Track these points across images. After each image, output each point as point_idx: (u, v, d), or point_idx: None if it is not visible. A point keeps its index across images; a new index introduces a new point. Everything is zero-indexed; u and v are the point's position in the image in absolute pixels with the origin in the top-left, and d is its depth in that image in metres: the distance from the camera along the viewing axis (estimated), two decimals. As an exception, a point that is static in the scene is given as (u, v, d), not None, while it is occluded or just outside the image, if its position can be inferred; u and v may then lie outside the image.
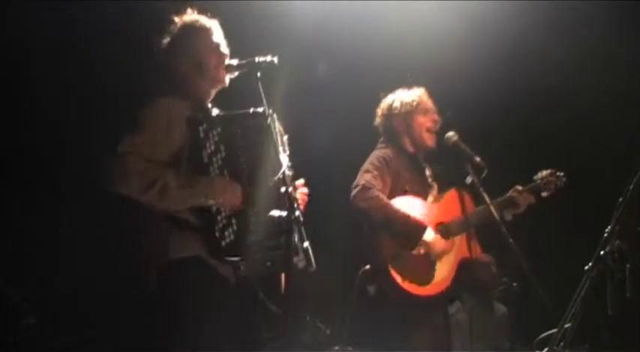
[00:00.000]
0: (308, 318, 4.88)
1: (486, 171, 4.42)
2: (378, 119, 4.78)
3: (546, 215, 5.22)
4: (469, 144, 4.53)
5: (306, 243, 3.25)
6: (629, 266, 3.94)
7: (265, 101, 3.43)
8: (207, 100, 3.72)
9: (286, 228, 3.27)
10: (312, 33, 5.63)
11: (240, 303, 3.60)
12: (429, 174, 4.76)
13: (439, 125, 4.69)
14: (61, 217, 5.32)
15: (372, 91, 4.92)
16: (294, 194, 3.31)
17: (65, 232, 5.28)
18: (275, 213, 3.34)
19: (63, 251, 5.26)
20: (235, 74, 3.67)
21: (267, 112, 3.43)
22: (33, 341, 4.66)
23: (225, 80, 3.69)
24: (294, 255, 3.25)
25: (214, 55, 3.67)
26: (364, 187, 4.42)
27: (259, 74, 3.50)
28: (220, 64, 3.67)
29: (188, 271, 3.44)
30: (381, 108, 4.78)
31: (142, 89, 4.11)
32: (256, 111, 3.47)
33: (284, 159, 3.37)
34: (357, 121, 5.27)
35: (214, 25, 3.74)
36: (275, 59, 3.52)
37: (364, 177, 4.48)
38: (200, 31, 3.72)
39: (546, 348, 3.75)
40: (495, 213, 4.25)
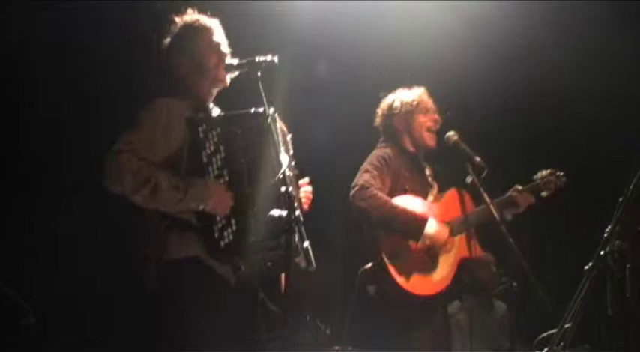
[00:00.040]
0: (308, 318, 4.88)
1: (486, 171, 4.42)
2: (378, 119, 4.79)
3: (546, 215, 5.22)
4: (469, 143, 4.53)
5: (306, 243, 3.24)
6: (629, 266, 3.94)
7: (265, 101, 3.42)
8: (208, 100, 3.71)
9: (286, 228, 3.25)
10: (313, 33, 5.63)
11: (240, 303, 3.59)
12: (429, 173, 4.76)
13: (439, 125, 4.70)
14: (61, 217, 5.32)
15: (372, 91, 4.92)
16: (294, 194, 3.30)
17: (65, 232, 5.29)
18: (275, 212, 3.33)
19: (62, 251, 5.26)
20: (236, 74, 3.67)
21: (268, 112, 3.42)
22: (33, 340, 4.66)
23: (226, 80, 3.68)
24: (295, 254, 3.24)
25: (214, 55, 3.66)
26: (362, 187, 4.42)
27: (259, 74, 3.49)
28: (220, 63, 3.65)
29: (187, 271, 3.43)
30: (382, 107, 4.78)
31: (142, 89, 4.12)
32: (257, 111, 3.46)
33: (284, 158, 3.36)
34: (357, 121, 5.27)
35: (214, 25, 3.73)
36: (275, 59, 3.51)
37: (363, 177, 4.48)
38: (200, 31, 3.71)
39: (546, 348, 3.75)
40: (495, 213, 4.25)
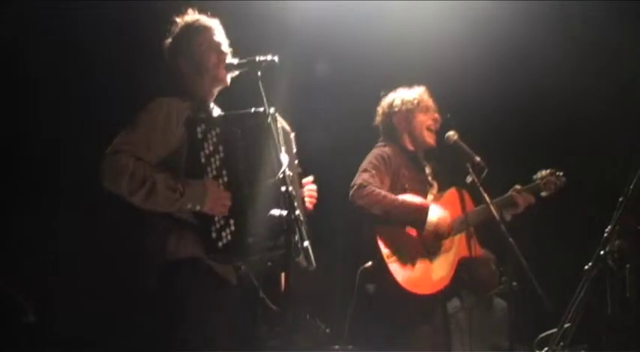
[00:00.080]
0: (308, 317, 4.87)
1: (486, 171, 4.42)
2: (378, 117, 4.79)
3: (546, 215, 5.22)
4: (469, 143, 4.54)
5: (307, 243, 3.24)
6: (629, 266, 3.94)
7: (266, 100, 3.42)
8: (209, 100, 3.71)
9: (286, 228, 3.25)
10: (313, 33, 5.63)
11: (240, 303, 3.59)
12: (429, 172, 4.76)
13: (439, 124, 4.70)
14: (61, 217, 5.32)
15: (372, 91, 4.92)
16: (294, 193, 3.30)
17: (65, 232, 5.28)
18: (275, 212, 3.33)
19: (62, 251, 5.26)
20: (236, 73, 3.67)
21: (268, 112, 3.42)
22: (33, 339, 4.66)
23: (226, 79, 3.68)
24: (295, 254, 3.24)
25: (214, 54, 3.66)
26: (360, 186, 4.43)
27: (260, 73, 3.49)
28: (221, 63, 3.65)
29: (186, 271, 3.43)
30: (382, 106, 4.78)
31: (142, 89, 4.12)
32: (257, 111, 3.45)
33: (284, 158, 3.35)
34: (357, 121, 5.27)
35: (215, 25, 3.73)
36: (275, 58, 3.51)
37: (361, 177, 4.48)
38: (200, 31, 3.71)
39: (546, 348, 3.75)
40: (495, 213, 4.25)
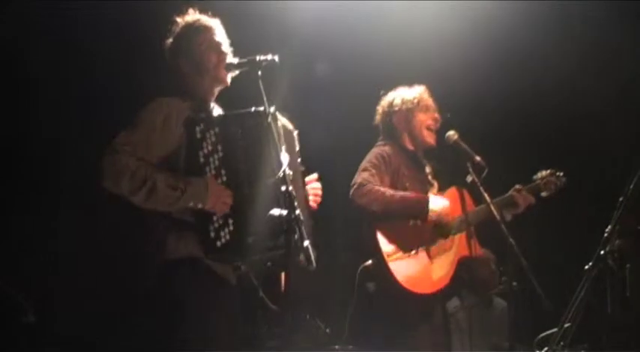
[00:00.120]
0: (308, 317, 4.87)
1: (486, 171, 4.42)
2: (378, 117, 4.79)
3: (546, 215, 5.22)
4: (469, 143, 4.54)
5: (307, 242, 3.23)
6: (629, 265, 3.95)
7: (266, 100, 3.42)
8: (209, 100, 3.71)
9: (286, 228, 3.25)
10: (313, 32, 5.63)
11: (240, 303, 3.59)
12: (429, 171, 4.75)
13: (439, 123, 4.70)
14: (61, 217, 5.31)
15: (372, 91, 4.91)
16: (294, 193, 3.29)
17: (65, 232, 5.28)
18: (275, 212, 3.32)
19: (62, 251, 5.26)
20: (236, 73, 3.67)
21: (268, 111, 3.42)
22: (33, 339, 4.66)
23: (227, 79, 3.67)
24: (296, 254, 3.24)
25: (214, 54, 3.66)
26: (360, 184, 4.43)
27: (260, 73, 3.48)
28: (221, 63, 3.65)
29: (185, 271, 3.43)
30: (382, 105, 4.78)
31: (142, 89, 4.12)
32: (257, 110, 3.45)
33: (284, 158, 3.35)
34: (358, 121, 5.27)
35: (215, 24, 3.73)
36: (276, 58, 3.51)
37: (361, 176, 4.49)
38: (200, 31, 3.71)
39: (546, 347, 3.75)
40: (495, 213, 4.25)
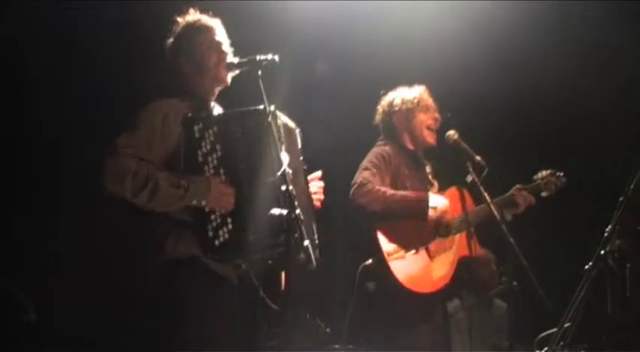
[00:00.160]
0: (308, 317, 4.87)
1: (487, 170, 4.43)
2: (378, 116, 4.79)
3: (547, 215, 5.22)
4: (469, 143, 4.54)
5: (307, 242, 3.23)
6: (629, 265, 3.95)
7: (266, 99, 3.42)
8: (209, 99, 3.71)
9: (286, 227, 3.26)
10: (313, 32, 5.63)
11: (240, 302, 3.59)
12: (429, 171, 4.76)
13: (439, 123, 4.70)
14: (61, 217, 5.31)
15: (372, 91, 4.92)
16: (294, 192, 3.29)
17: (64, 232, 5.28)
18: (275, 211, 3.32)
19: (62, 251, 5.26)
20: (236, 72, 3.67)
21: (268, 110, 3.42)
22: (33, 338, 4.66)
23: (227, 79, 3.68)
24: (296, 253, 3.24)
25: (215, 54, 3.66)
26: (360, 184, 4.43)
27: (260, 72, 3.49)
28: (221, 62, 3.65)
29: (185, 271, 3.44)
30: (382, 105, 4.79)
31: (142, 89, 4.12)
32: (256, 109, 3.45)
33: (284, 157, 3.35)
34: (358, 121, 5.27)
35: (216, 24, 3.73)
36: (276, 57, 3.51)
37: (362, 175, 4.49)
38: (201, 31, 3.71)
39: (546, 347, 3.75)
40: (496, 212, 4.25)
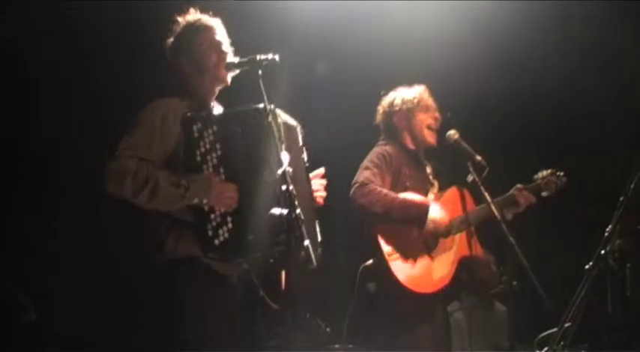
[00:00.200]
0: (308, 316, 4.87)
1: (487, 170, 4.43)
2: (378, 116, 4.79)
3: (547, 214, 5.22)
4: (470, 142, 4.54)
5: (307, 241, 3.23)
6: (629, 265, 3.95)
7: (266, 99, 3.42)
8: (210, 99, 3.71)
9: (286, 227, 3.25)
10: (313, 32, 5.63)
11: (240, 302, 3.59)
12: (429, 171, 4.76)
13: (440, 123, 4.70)
14: (61, 217, 5.31)
15: (372, 91, 4.92)
16: (294, 192, 3.29)
17: (64, 232, 5.28)
18: (276, 211, 3.32)
19: (62, 251, 5.26)
20: (237, 72, 3.67)
21: (268, 110, 3.42)
22: (33, 338, 4.66)
23: (227, 78, 3.67)
24: (296, 253, 3.24)
25: (215, 53, 3.66)
26: (362, 184, 4.44)
27: (260, 72, 3.48)
28: (221, 62, 3.65)
29: (184, 271, 3.44)
30: (382, 105, 4.79)
31: (142, 89, 4.12)
32: (256, 108, 3.45)
33: (285, 156, 3.36)
34: (358, 121, 5.27)
35: (216, 24, 3.73)
36: (276, 57, 3.51)
37: (363, 174, 4.49)
38: (201, 30, 3.71)
39: (546, 347, 3.75)
40: (496, 212, 4.25)
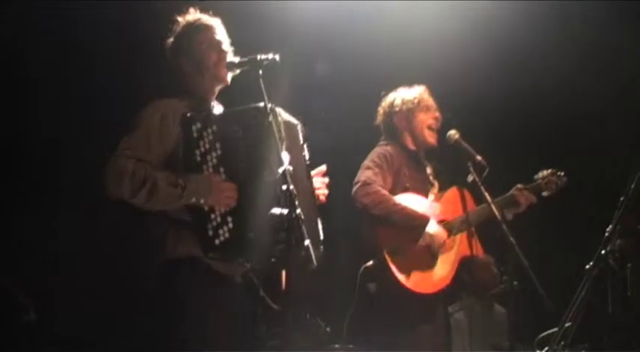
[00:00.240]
0: (308, 316, 4.87)
1: (487, 170, 4.43)
2: (379, 117, 4.80)
3: (547, 214, 5.22)
4: (470, 143, 4.54)
5: (307, 241, 3.23)
6: (630, 265, 3.96)
7: (267, 98, 3.42)
8: (210, 99, 3.71)
9: (287, 226, 3.25)
10: (313, 32, 5.63)
11: (240, 301, 3.59)
12: (430, 171, 4.77)
13: (440, 123, 4.70)
14: (61, 217, 5.31)
15: (372, 91, 4.92)
16: (294, 192, 3.29)
17: (64, 232, 5.28)
18: (276, 211, 3.32)
19: (62, 251, 5.25)
20: (237, 72, 3.67)
21: (269, 109, 3.42)
22: (33, 338, 4.66)
23: (227, 78, 3.67)
24: (297, 253, 3.24)
25: (215, 53, 3.66)
26: (364, 183, 4.44)
27: (261, 72, 3.48)
28: (221, 61, 3.65)
29: (184, 271, 3.44)
30: (383, 106, 4.79)
31: (142, 89, 4.12)
32: (257, 107, 3.44)
33: (285, 156, 3.35)
34: (358, 121, 5.27)
35: (216, 24, 3.73)
36: (277, 57, 3.51)
37: (365, 174, 4.49)
38: (201, 30, 3.71)
39: (547, 347, 3.75)
40: (497, 212, 4.25)
